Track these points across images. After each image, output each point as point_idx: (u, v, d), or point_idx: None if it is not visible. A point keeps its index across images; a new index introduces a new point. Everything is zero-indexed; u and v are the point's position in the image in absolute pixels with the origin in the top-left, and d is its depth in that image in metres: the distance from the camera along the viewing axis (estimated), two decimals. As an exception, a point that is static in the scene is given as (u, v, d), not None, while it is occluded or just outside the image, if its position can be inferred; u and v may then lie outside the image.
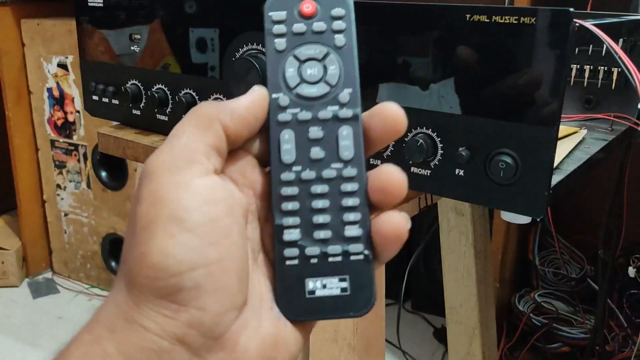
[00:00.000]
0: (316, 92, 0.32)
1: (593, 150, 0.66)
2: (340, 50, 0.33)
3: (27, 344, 1.56)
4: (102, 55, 0.73)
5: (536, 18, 0.44)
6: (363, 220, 0.31)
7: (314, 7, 0.33)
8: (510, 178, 0.47)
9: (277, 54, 0.33)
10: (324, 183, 0.32)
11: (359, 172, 0.31)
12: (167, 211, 0.28)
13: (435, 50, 0.49)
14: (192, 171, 0.29)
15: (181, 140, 0.30)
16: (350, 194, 0.31)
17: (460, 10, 0.47)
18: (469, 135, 0.49)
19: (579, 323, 1.31)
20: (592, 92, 0.80)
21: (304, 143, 0.32)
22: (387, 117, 0.32)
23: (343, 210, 0.31)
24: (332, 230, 0.31)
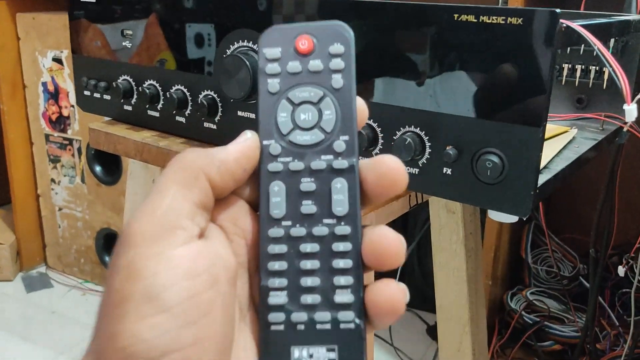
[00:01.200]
0: (310, 139, 0.30)
1: (582, 149, 0.66)
2: (337, 92, 0.30)
3: (21, 337, 1.56)
4: (94, 50, 0.73)
5: (523, 19, 0.44)
6: (355, 285, 0.28)
7: (310, 44, 0.30)
8: (496, 177, 0.47)
9: (269, 96, 0.30)
10: (314, 241, 0.29)
11: (353, 230, 0.29)
12: (142, 288, 0.25)
13: (424, 49, 0.49)
14: (173, 240, 0.27)
15: (164, 201, 0.27)
16: (342, 254, 0.29)
17: (449, 10, 0.47)
18: (456, 134, 0.49)
19: (571, 321, 1.32)
20: (583, 91, 0.81)
21: (294, 196, 0.29)
22: (385, 173, 0.29)
23: (334, 272, 0.29)
24: (321, 295, 0.29)
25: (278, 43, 0.30)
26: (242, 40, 0.60)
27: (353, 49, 0.30)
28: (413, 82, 0.50)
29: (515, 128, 0.46)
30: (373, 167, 0.29)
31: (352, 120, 0.30)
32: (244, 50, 0.60)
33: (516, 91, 0.46)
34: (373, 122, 0.53)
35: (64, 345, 1.53)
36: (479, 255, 0.86)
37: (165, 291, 0.25)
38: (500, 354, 1.34)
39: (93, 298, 1.74)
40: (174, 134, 0.69)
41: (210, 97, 0.64)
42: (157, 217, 0.27)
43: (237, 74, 0.59)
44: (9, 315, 1.66)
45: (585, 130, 0.76)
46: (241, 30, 0.60)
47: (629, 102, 0.45)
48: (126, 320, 0.25)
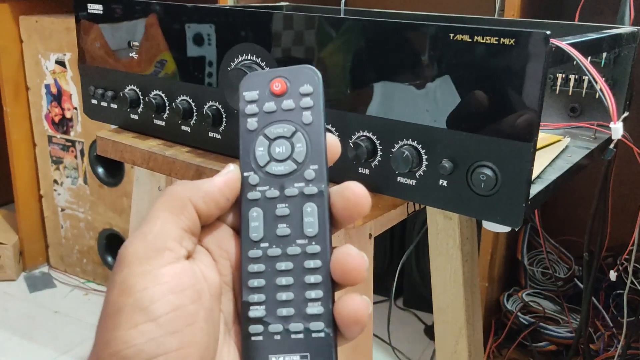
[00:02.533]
0: (284, 169, 0.33)
1: (575, 159, 0.69)
2: (307, 127, 0.34)
3: (24, 337, 1.58)
4: (101, 60, 0.75)
5: (515, 39, 0.46)
6: (325, 298, 0.32)
7: (283, 85, 0.34)
8: (490, 189, 0.50)
9: (249, 134, 0.34)
10: (288, 260, 0.32)
11: (322, 249, 0.32)
12: (133, 301, 0.29)
13: (421, 66, 0.52)
14: (161, 260, 0.30)
15: (155, 227, 0.31)
16: (313, 270, 0.32)
17: (445, 29, 0.49)
18: (452, 148, 0.51)
19: (565, 322, 1.34)
20: (576, 100, 0.83)
21: (271, 220, 0.33)
22: (349, 198, 0.33)
23: (306, 287, 0.32)
24: (295, 307, 0.32)
25: (256, 86, 0.34)
26: (245, 54, 0.62)
27: (321, 88, 0.34)
28: (410, 97, 0.53)
29: (507, 143, 0.48)
30: (340, 192, 0.33)
31: (321, 151, 0.33)
32: (248, 64, 0.62)
33: (508, 108, 0.48)
34: (372, 135, 0.55)
35: (67, 345, 1.55)
36: (475, 259, 0.88)
37: (153, 303, 0.29)
38: (496, 354, 1.36)
39: (95, 298, 1.76)
40: (180, 142, 0.71)
41: (215, 108, 0.66)
42: (148, 241, 0.31)
43: (241, 86, 0.61)
44: (12, 315, 1.68)
45: (578, 138, 0.78)
46: (245, 44, 0.62)
47: (615, 121, 0.47)
48: (119, 328, 0.29)
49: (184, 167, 0.66)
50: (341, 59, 0.56)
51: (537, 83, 0.46)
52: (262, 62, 0.61)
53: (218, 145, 0.67)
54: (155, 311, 0.29)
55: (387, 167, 0.55)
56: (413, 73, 0.52)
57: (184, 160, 0.66)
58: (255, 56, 0.61)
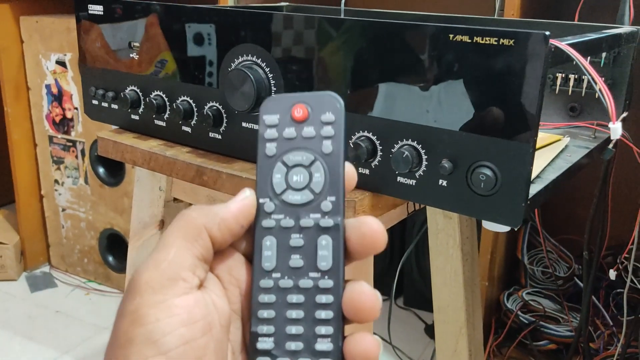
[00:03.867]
0: (300, 199, 0.33)
1: (574, 158, 0.69)
2: (327, 157, 0.33)
3: (25, 337, 1.58)
4: (101, 61, 0.76)
5: (515, 40, 0.46)
6: (335, 335, 0.31)
7: (305, 112, 0.33)
8: (490, 189, 0.50)
9: (267, 159, 0.33)
10: (300, 292, 0.32)
11: (335, 284, 0.31)
12: (145, 332, 0.29)
13: (421, 66, 0.52)
14: (175, 290, 0.30)
15: (169, 254, 0.31)
16: (324, 306, 0.31)
17: (444, 30, 0.50)
18: (451, 148, 0.51)
19: (565, 321, 1.35)
20: (576, 100, 0.83)
21: (284, 250, 0.32)
22: (366, 234, 0.32)
23: (316, 322, 0.31)
24: (304, 342, 0.31)
25: (276, 110, 0.34)
26: (246, 54, 0.62)
27: (343, 117, 0.33)
28: (410, 98, 0.53)
29: (507, 143, 0.49)
30: (357, 227, 0.32)
31: (339, 183, 0.32)
32: (248, 64, 0.62)
33: (508, 108, 0.48)
34: (372, 135, 0.56)
35: (68, 345, 1.55)
36: (475, 258, 0.88)
37: (165, 336, 0.29)
38: (496, 353, 1.36)
39: (96, 297, 1.77)
40: (180, 143, 0.71)
41: (215, 109, 0.66)
42: (162, 269, 0.30)
43: (241, 87, 0.61)
44: (14, 315, 1.68)
45: (578, 138, 0.78)
46: (245, 44, 0.62)
47: (614, 121, 0.47)
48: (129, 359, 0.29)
49: (185, 167, 0.66)
50: (341, 59, 0.56)
51: (536, 83, 0.47)
52: (262, 62, 0.61)
53: (219, 145, 0.67)
54: (167, 344, 0.29)
55: (387, 167, 0.55)
56: (413, 74, 0.52)
57: (184, 161, 0.67)
58: (256, 57, 0.62)
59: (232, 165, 0.64)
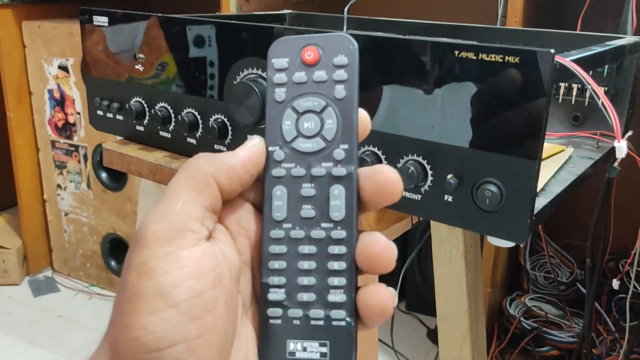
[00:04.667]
0: (311, 147, 0.31)
1: (579, 170, 0.69)
2: (339, 102, 0.31)
3: (28, 341, 1.59)
4: (106, 72, 0.76)
5: (520, 57, 0.47)
6: (348, 286, 0.30)
7: (316, 54, 0.32)
8: (495, 206, 0.50)
9: (276, 105, 0.32)
10: (312, 243, 0.31)
11: (348, 235, 0.30)
12: (153, 285, 0.28)
13: (427, 82, 0.52)
14: (183, 242, 0.29)
15: (176, 205, 0.29)
16: (337, 257, 0.30)
17: (450, 46, 0.50)
18: (457, 164, 0.52)
19: (568, 327, 1.35)
20: (579, 109, 0.83)
21: (295, 200, 0.31)
22: (381, 182, 0.31)
23: (328, 273, 0.30)
24: (316, 293, 0.31)
25: (286, 54, 0.32)
26: (251, 68, 0.62)
27: (357, 60, 0.32)
28: (415, 113, 0.53)
29: (512, 160, 0.49)
30: (371, 176, 0.31)
31: (352, 130, 0.31)
32: (253, 78, 0.62)
33: (513, 125, 0.48)
34: (377, 150, 0.56)
35: (71, 349, 1.56)
36: (478, 267, 0.88)
37: (174, 289, 0.28)
38: (499, 359, 1.36)
39: (99, 302, 1.77)
40: (186, 154, 0.71)
41: (221, 121, 0.66)
42: (169, 220, 0.29)
43: (246, 100, 0.61)
44: (17, 319, 1.68)
45: (581, 148, 0.78)
46: (250, 58, 0.62)
47: (619, 139, 0.48)
48: (138, 313, 0.28)
49: (190, 180, 0.67)
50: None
51: (541, 101, 0.47)
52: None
53: (224, 157, 0.67)
54: (176, 297, 0.28)
55: (393, 182, 0.55)
56: (419, 89, 0.52)
57: (190, 173, 0.67)
58: (261, 70, 0.62)
59: (237, 178, 0.65)
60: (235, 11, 1.35)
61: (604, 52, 0.62)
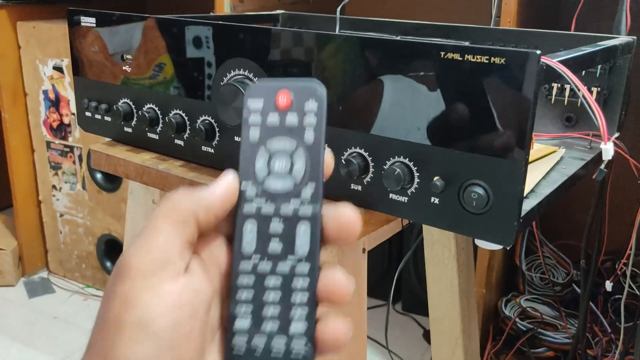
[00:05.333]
0: (281, 186, 0.33)
1: (570, 171, 0.68)
2: (308, 144, 0.33)
3: (23, 343, 1.58)
4: (94, 73, 0.75)
5: (506, 59, 0.46)
6: (309, 317, 0.32)
7: (289, 99, 0.34)
8: (482, 208, 0.50)
9: (250, 144, 0.34)
10: (278, 276, 0.33)
11: (311, 269, 0.32)
12: (135, 316, 0.29)
13: (412, 84, 0.51)
14: (164, 274, 0.30)
15: (158, 239, 0.31)
16: (300, 289, 0.32)
17: (436, 47, 0.49)
18: (443, 166, 0.51)
19: (564, 328, 1.34)
20: (572, 110, 0.82)
21: (264, 236, 0.33)
22: (342, 222, 0.33)
23: (292, 305, 0.32)
24: (279, 324, 0.32)
25: (261, 95, 0.34)
26: (238, 69, 0.62)
27: (325, 105, 0.33)
28: (402, 115, 0.52)
29: (498, 162, 0.48)
30: (334, 216, 0.33)
31: (319, 170, 0.33)
32: (240, 79, 0.62)
33: (499, 127, 0.48)
34: (364, 152, 0.55)
35: (66, 351, 1.55)
36: (470, 268, 0.88)
37: (155, 320, 0.29)
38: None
39: (95, 303, 1.76)
40: (173, 156, 0.71)
41: (208, 122, 0.66)
42: (152, 254, 0.31)
43: (233, 101, 0.61)
44: (12, 321, 1.68)
45: (574, 149, 0.78)
46: (237, 59, 0.62)
47: (605, 141, 0.47)
48: (120, 344, 0.29)
49: (177, 182, 0.66)
50: (333, 75, 0.56)
51: (527, 102, 0.46)
52: (254, 77, 0.61)
53: (211, 159, 0.67)
54: (157, 328, 0.29)
55: (379, 184, 0.55)
56: (405, 90, 0.52)
57: (177, 175, 0.66)
58: (248, 71, 0.61)
59: (224, 180, 0.64)
60: (229, 11, 1.35)
61: (594, 52, 0.61)
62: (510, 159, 0.48)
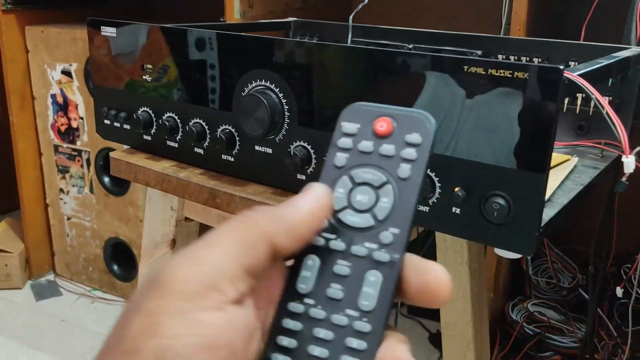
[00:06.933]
0: (359, 222, 0.29)
1: (584, 180, 0.69)
2: (401, 182, 0.28)
3: (31, 346, 1.59)
4: (114, 82, 0.76)
5: (529, 73, 0.47)
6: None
7: (389, 127, 0.29)
8: (503, 218, 0.51)
9: (333, 169, 0.30)
10: (330, 329, 0.27)
11: (373, 330, 0.27)
12: (156, 347, 0.24)
13: (435, 96, 0.52)
14: (205, 302, 0.25)
15: (212, 255, 0.26)
16: (353, 352, 0.27)
17: (459, 61, 0.50)
18: (465, 177, 0.52)
19: (570, 332, 1.35)
20: (584, 118, 0.83)
21: (326, 276, 0.28)
22: (429, 282, 0.27)
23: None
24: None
25: (358, 119, 0.30)
26: (259, 79, 0.63)
27: (431, 142, 0.29)
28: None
29: (520, 173, 0.49)
30: (419, 272, 0.28)
31: (408, 215, 0.28)
32: (261, 89, 0.63)
33: (522, 139, 0.49)
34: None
35: (74, 354, 1.56)
36: (482, 275, 0.89)
37: (177, 358, 0.24)
38: (501, 365, 1.37)
39: (102, 306, 1.77)
40: (192, 164, 0.72)
41: (228, 132, 0.67)
42: (198, 270, 0.25)
43: (255, 112, 0.62)
44: (19, 324, 1.68)
45: (586, 157, 0.79)
46: (258, 70, 0.63)
47: (627, 154, 0.48)
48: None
49: (198, 190, 0.67)
50: (354, 86, 0.57)
51: (550, 116, 0.47)
52: (275, 88, 0.62)
53: (231, 168, 0.68)
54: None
55: (401, 194, 0.56)
56: (427, 102, 0.53)
57: (197, 183, 0.67)
58: (269, 82, 0.62)
59: (245, 188, 0.65)
60: (240, 17, 1.36)
61: (610, 65, 0.62)
62: (532, 171, 0.49)
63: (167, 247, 0.79)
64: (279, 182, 0.65)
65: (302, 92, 0.60)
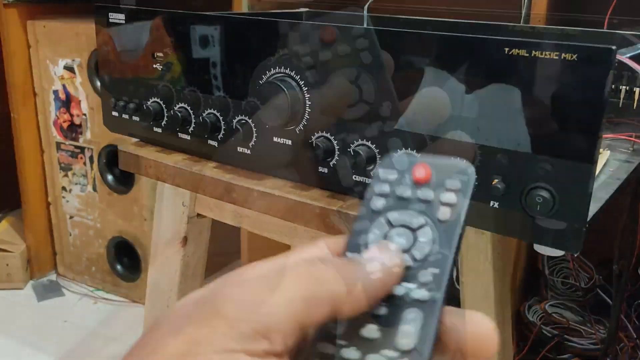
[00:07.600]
0: None
1: (620, 174, 0.66)
2: (441, 223, 0.28)
3: (32, 346, 1.56)
4: (122, 72, 0.73)
5: (578, 55, 0.44)
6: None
7: (428, 173, 0.29)
8: (547, 212, 0.47)
9: (370, 213, 0.29)
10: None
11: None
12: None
13: (471, 82, 0.49)
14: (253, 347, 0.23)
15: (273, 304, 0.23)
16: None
17: (500, 43, 0.47)
18: (505, 168, 0.48)
19: (589, 333, 1.31)
20: (613, 111, 0.80)
21: (361, 314, 0.26)
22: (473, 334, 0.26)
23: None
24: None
25: (395, 167, 0.30)
26: (278, 67, 0.59)
27: (471, 188, 0.29)
28: (459, 115, 0.50)
29: (566, 163, 0.46)
30: (462, 320, 0.26)
31: (448, 257, 0.27)
32: (280, 77, 0.59)
33: (568, 126, 0.45)
34: (417, 153, 0.53)
35: (76, 354, 1.53)
36: (506, 275, 0.85)
37: None
38: (518, 367, 1.33)
39: (104, 306, 1.74)
40: (205, 157, 0.68)
41: (244, 122, 0.63)
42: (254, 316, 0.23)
43: (274, 101, 0.58)
44: (21, 324, 1.65)
45: (616, 151, 0.75)
46: (276, 57, 0.59)
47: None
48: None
49: (213, 184, 0.64)
50: (383, 72, 0.53)
51: (600, 100, 0.44)
52: (295, 75, 0.58)
53: (247, 160, 0.64)
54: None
55: (433, 187, 0.52)
56: (465, 89, 0.49)
57: (212, 177, 0.64)
58: (289, 69, 0.59)
59: (263, 182, 0.62)
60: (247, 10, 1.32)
61: (651, 50, 0.59)
62: (580, 160, 0.45)
63: (179, 245, 0.75)
64: (299, 175, 0.61)
65: (324, 80, 0.57)
